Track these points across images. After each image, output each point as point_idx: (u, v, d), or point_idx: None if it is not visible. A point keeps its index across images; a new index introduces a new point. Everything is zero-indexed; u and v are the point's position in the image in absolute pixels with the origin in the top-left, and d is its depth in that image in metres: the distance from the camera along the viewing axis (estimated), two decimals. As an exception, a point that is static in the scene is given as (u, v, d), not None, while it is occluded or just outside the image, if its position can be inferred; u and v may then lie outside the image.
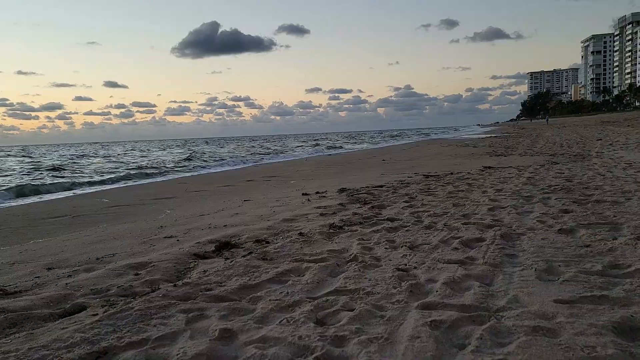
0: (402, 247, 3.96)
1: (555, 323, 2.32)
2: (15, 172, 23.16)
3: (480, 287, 2.89)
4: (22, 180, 17.60)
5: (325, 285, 3.12)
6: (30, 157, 41.81)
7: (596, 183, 7.20)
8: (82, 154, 50.17)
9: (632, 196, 5.84)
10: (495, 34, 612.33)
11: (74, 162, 31.33)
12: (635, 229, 4.16)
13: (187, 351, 2.20)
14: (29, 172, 22.76)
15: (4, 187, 14.32)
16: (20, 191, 13.50)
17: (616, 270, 3.13)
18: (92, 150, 69.42)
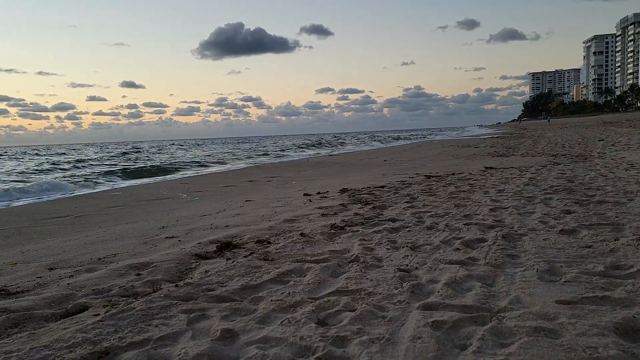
0: (403, 247, 3.95)
1: (557, 324, 2.31)
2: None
3: (481, 288, 2.89)
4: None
5: (327, 286, 3.12)
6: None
7: (598, 184, 7.19)
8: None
9: (634, 197, 5.83)
10: (510, 35, 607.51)
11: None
12: (637, 229, 4.15)
13: (189, 351, 2.20)
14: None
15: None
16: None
17: (618, 271, 3.12)
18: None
